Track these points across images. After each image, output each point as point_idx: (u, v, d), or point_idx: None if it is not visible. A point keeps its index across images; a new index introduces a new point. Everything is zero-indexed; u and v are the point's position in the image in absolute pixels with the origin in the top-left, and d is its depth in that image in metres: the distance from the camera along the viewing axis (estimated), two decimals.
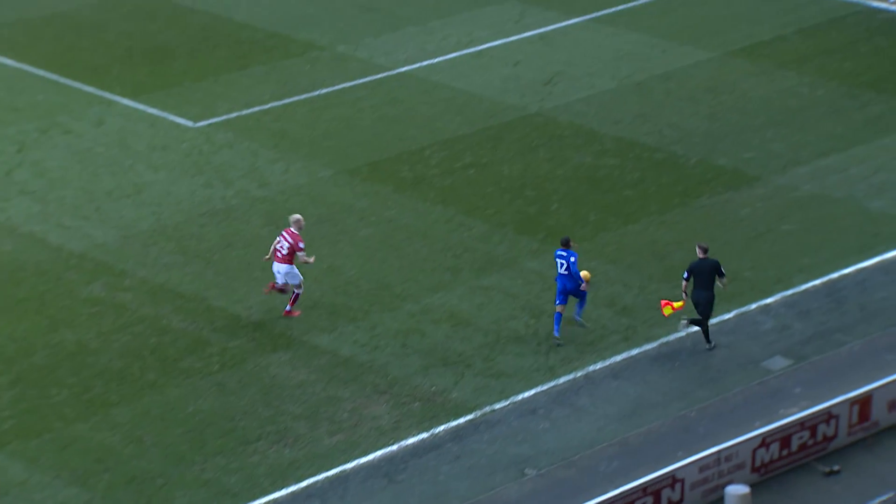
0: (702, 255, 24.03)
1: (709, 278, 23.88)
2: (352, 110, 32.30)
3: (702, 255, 24.03)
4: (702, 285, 23.90)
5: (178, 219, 28.09)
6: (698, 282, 23.96)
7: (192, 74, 33.52)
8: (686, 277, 24.11)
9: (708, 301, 23.88)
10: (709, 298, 23.88)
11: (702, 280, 23.89)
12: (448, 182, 29.55)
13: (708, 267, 23.85)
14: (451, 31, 35.98)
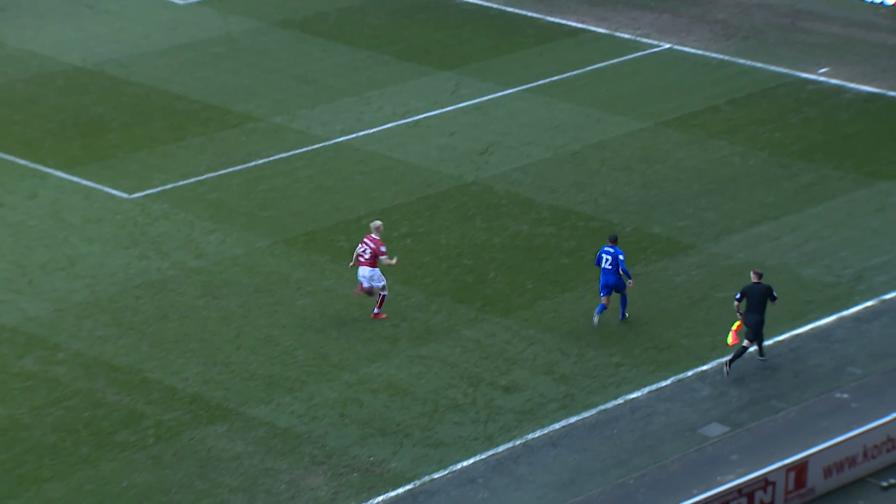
0: (755, 280, 25.72)
1: (760, 301, 25.59)
2: (288, 180, 32.31)
3: (755, 280, 25.72)
4: (753, 309, 25.58)
5: (112, 291, 27.88)
6: (750, 305, 25.64)
7: (127, 146, 33.43)
8: (738, 299, 25.74)
9: (759, 323, 25.63)
10: (760, 321, 25.62)
11: (753, 303, 25.58)
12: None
13: (759, 291, 25.61)
14: (387, 101, 36.15)
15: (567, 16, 41.66)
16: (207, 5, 41.40)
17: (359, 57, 38.66)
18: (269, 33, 39.85)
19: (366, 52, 38.91)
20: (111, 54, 37.95)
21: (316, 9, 41.62)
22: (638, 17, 41.56)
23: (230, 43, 39.16)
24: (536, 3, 42.49)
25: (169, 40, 39.07)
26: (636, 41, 39.95)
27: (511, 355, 26.08)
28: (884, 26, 40.78)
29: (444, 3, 42.51)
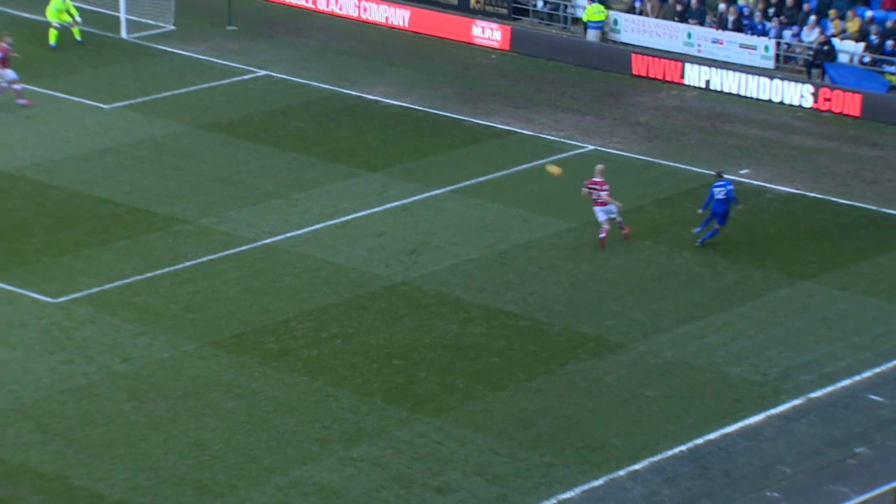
0: None
1: None
2: (216, 282, 32.16)
3: None
4: None
5: (37, 396, 27.46)
6: None
7: (51, 251, 33.13)
8: None
9: None
10: None
11: None
12: (314, 353, 29.42)
13: None
14: (314, 203, 36.20)
15: (492, 118, 42.09)
16: (132, 109, 41.36)
17: (285, 159, 38.76)
18: (193, 136, 39.87)
19: (292, 155, 39.02)
20: (34, 159, 37.73)
21: (241, 112, 41.74)
22: (562, 119, 42.06)
23: (155, 146, 39.11)
24: (461, 106, 42.92)
25: (93, 144, 38.94)
26: (561, 142, 40.40)
27: (443, 456, 25.96)
28: (800, 129, 41.60)
29: (369, 106, 42.81)
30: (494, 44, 48.08)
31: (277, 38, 48.12)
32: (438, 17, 49.24)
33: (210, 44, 46.95)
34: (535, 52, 47.36)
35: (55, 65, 43.76)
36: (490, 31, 48.22)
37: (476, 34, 48.45)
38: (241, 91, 43.47)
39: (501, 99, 43.65)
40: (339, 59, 46.49)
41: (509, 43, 47.91)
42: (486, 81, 45.25)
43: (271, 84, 44.14)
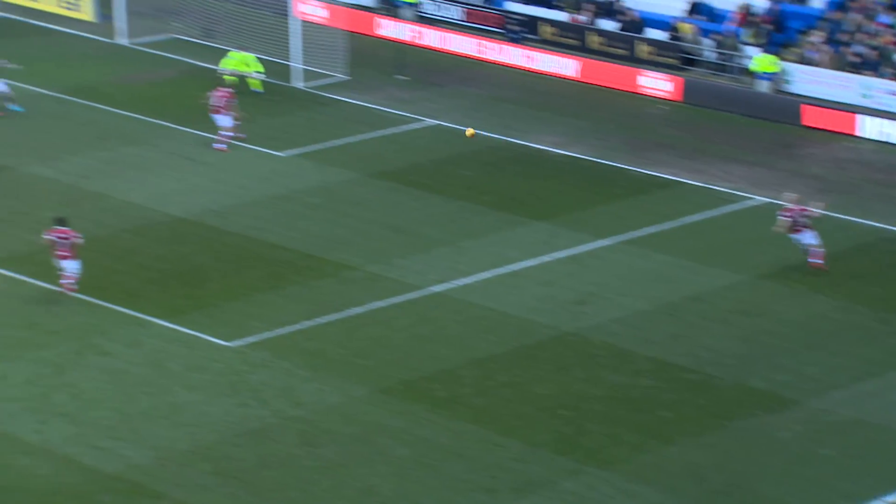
0: None
1: None
2: (385, 329, 32.44)
3: None
4: None
5: (213, 439, 27.96)
6: None
7: (225, 295, 33.76)
8: None
9: None
10: None
11: None
12: (482, 401, 29.49)
13: None
14: (482, 251, 36.36)
15: (659, 168, 41.92)
16: (305, 157, 42.07)
17: (452, 207, 39.04)
18: (364, 184, 40.38)
19: (459, 203, 39.28)
20: (211, 205, 38.55)
21: (410, 160, 42.18)
22: (732, 171, 41.70)
23: (326, 193, 39.70)
24: (629, 156, 42.82)
25: (267, 191, 39.66)
26: (731, 194, 40.03)
27: None
28: None
29: (535, 155, 42.95)
30: (663, 94, 47.91)
31: (446, 88, 48.59)
32: (607, 68, 49.27)
33: (381, 93, 47.61)
34: (703, 103, 47.08)
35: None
36: (659, 81, 48.08)
37: (644, 84, 48.34)
38: (411, 139, 43.96)
39: (670, 149, 43.46)
40: (507, 109, 46.75)
41: (678, 93, 47.70)
42: (655, 132, 45.10)
43: (440, 133, 44.57)
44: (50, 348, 30.88)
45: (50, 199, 38.13)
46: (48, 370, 30.03)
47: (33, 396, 29.08)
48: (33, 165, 40.28)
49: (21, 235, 35.90)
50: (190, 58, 49.38)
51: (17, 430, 27.90)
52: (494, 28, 52.45)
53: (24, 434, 27.78)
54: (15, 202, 37.94)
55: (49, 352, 30.74)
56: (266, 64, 48.16)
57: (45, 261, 34.45)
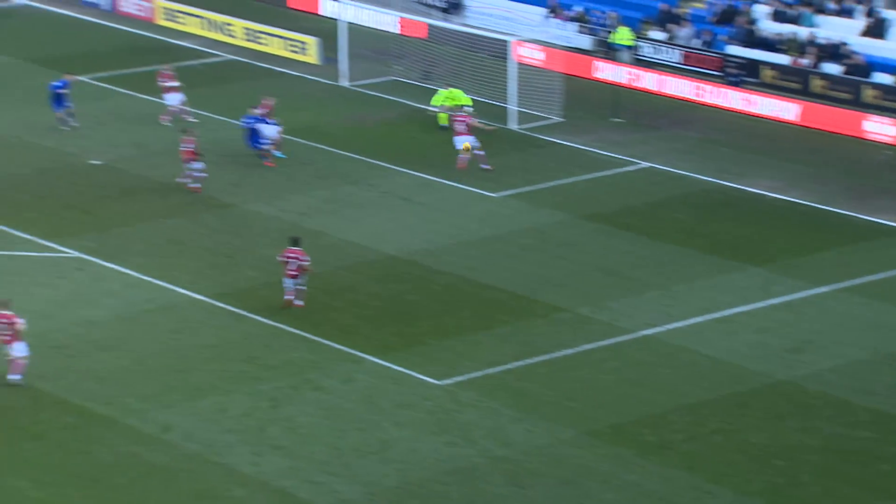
0: None
1: None
2: (594, 372, 32.34)
3: None
4: None
5: (422, 476, 28.22)
6: None
7: (437, 334, 34.10)
8: None
9: None
10: None
11: None
12: (693, 448, 29.14)
13: None
14: (694, 296, 35.98)
15: (883, 215, 40.92)
16: (518, 198, 42.31)
17: (665, 251, 38.75)
18: (576, 226, 40.39)
19: (672, 247, 38.98)
20: (424, 244, 39.03)
21: (622, 203, 42.05)
22: None
23: (539, 235, 39.83)
24: (849, 202, 41.92)
25: (480, 231, 39.98)
26: None
27: None
28: None
29: (752, 200, 42.37)
30: (889, 139, 46.77)
31: (661, 131, 48.34)
32: (830, 112, 48.36)
33: (595, 135, 47.61)
34: None
35: (449, 154, 45.27)
36: (885, 126, 46.96)
37: (869, 129, 47.28)
38: (624, 182, 43.83)
39: (894, 196, 42.37)
40: (723, 152, 46.26)
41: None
42: (879, 178, 44.07)
43: (653, 175, 44.34)
44: (267, 382, 31.61)
45: (270, 236, 39.10)
46: (265, 403, 30.74)
47: (250, 429, 29.79)
48: (255, 203, 41.40)
49: (243, 272, 36.89)
50: (408, 100, 50.16)
51: (234, 461, 28.59)
52: (713, 71, 52.01)
53: (240, 466, 28.47)
54: (237, 239, 39.02)
55: (266, 385, 31.47)
56: (482, 106, 48.65)
57: (265, 296, 35.38)
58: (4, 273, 36.28)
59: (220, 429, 29.72)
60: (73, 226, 39.37)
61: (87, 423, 29.72)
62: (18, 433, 29.27)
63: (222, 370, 32.09)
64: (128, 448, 28.89)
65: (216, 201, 41.30)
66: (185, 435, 29.41)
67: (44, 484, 27.64)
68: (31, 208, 40.33)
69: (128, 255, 37.63)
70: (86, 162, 43.63)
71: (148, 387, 31.23)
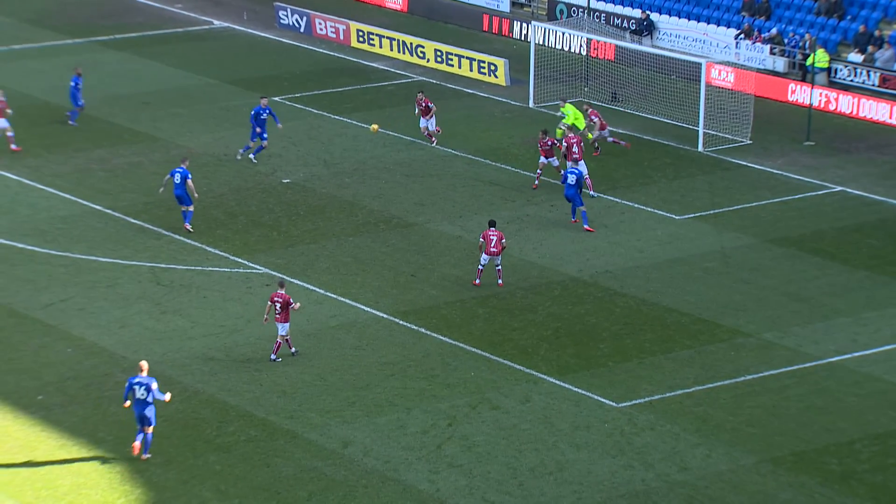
0: None
1: None
2: (777, 398, 31.70)
3: None
4: None
5: (597, 499, 27.98)
6: None
7: (616, 356, 33.83)
8: None
9: None
10: None
11: None
12: (880, 479, 28.33)
13: None
14: (885, 323, 35.02)
15: None
16: (702, 220, 41.78)
17: (856, 277, 37.82)
18: (762, 250, 39.69)
19: (864, 273, 38.03)
20: (607, 266, 38.77)
21: (812, 228, 41.19)
22: None
23: (723, 258, 39.25)
24: None
25: (663, 254, 39.58)
26: None
27: None
28: None
29: None
30: None
31: (856, 154, 47.25)
32: None
33: (785, 158, 46.76)
34: None
35: (633, 176, 44.97)
36: None
37: None
38: (814, 206, 42.93)
39: None
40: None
41: None
42: None
43: (846, 200, 43.33)
44: (446, 400, 31.74)
45: (453, 255, 39.33)
46: (443, 421, 30.87)
47: (427, 446, 29.94)
48: (440, 223, 41.69)
49: (424, 290, 37.15)
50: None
51: (411, 478, 28.76)
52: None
53: (417, 483, 28.62)
54: (421, 258, 39.33)
55: (444, 403, 31.60)
56: (671, 128, 48.18)
57: (446, 315, 35.56)
58: (198, 287, 37.19)
59: (398, 445, 29.93)
60: (262, 242, 40.17)
61: (270, 436, 30.22)
62: (205, 445, 29.90)
63: (402, 387, 32.33)
64: (308, 462, 29.28)
65: (400, 220, 41.71)
66: (364, 450, 29.70)
67: (227, 495, 28.18)
68: (224, 226, 41.29)
69: (313, 272, 38.23)
70: (278, 181, 44.48)
71: (329, 402, 31.64)
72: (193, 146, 47.29)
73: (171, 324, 35.18)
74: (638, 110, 49.91)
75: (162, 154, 46.56)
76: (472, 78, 54.85)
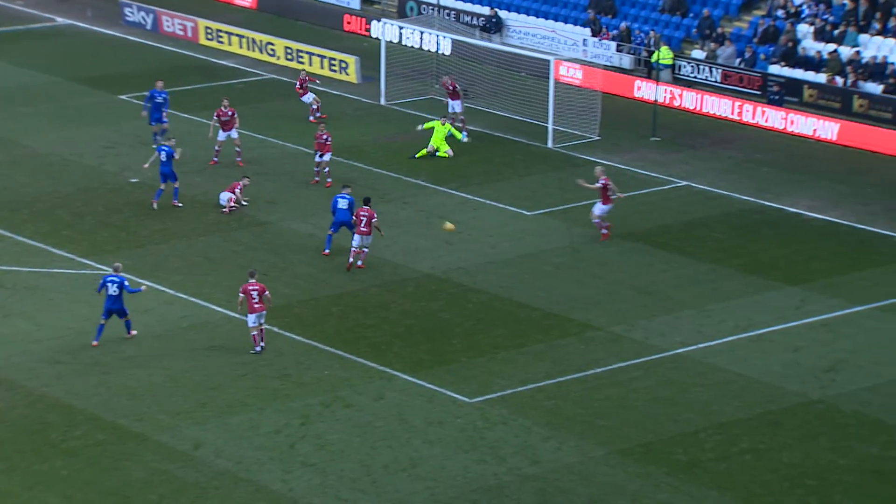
0: None
1: None
2: (625, 390, 32.20)
3: None
4: None
5: (451, 494, 28.16)
6: None
7: (470, 352, 34.06)
8: None
9: None
10: None
11: None
12: (724, 467, 28.94)
13: None
14: (729, 315, 35.80)
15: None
16: (553, 216, 42.25)
17: (701, 270, 38.57)
18: (610, 245, 40.27)
19: (709, 266, 38.80)
20: (459, 262, 39.01)
21: (659, 222, 41.90)
22: None
23: (573, 253, 39.74)
24: (889, 221, 41.63)
25: (514, 250, 39.94)
26: None
27: None
28: None
29: (791, 219, 42.13)
30: None
31: (700, 150, 48.17)
32: (870, 131, 48.05)
33: (633, 154, 47.50)
34: None
35: (485, 172, 45.30)
36: None
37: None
38: (661, 201, 43.67)
39: None
40: (762, 172, 46.05)
41: None
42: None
43: (691, 195, 44.16)
44: (299, 399, 31.66)
45: (306, 253, 39.23)
46: (296, 421, 30.78)
47: (280, 446, 29.83)
48: (292, 221, 41.54)
49: (277, 289, 36.95)
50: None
51: (264, 478, 28.63)
52: (753, 90, 51.79)
53: (270, 483, 28.50)
54: (273, 256, 39.15)
55: (298, 403, 31.52)
56: (521, 125, 48.65)
57: (300, 314, 35.46)
58: (43, 290, 36.57)
59: (250, 446, 29.78)
60: (111, 243, 39.63)
61: (119, 439, 29.86)
62: (51, 449, 29.44)
63: (255, 387, 32.17)
64: (159, 464, 28.99)
65: (253, 219, 41.47)
66: (216, 451, 29.49)
67: (74, 501, 27.77)
68: (71, 227, 40.64)
69: (164, 273, 37.84)
70: (126, 180, 43.91)
71: (180, 403, 31.35)
72: (38, 146, 46.49)
73: (15, 327, 34.55)
74: (489, 107, 50.24)
75: (4, 154, 45.69)
76: (324, 75, 54.74)
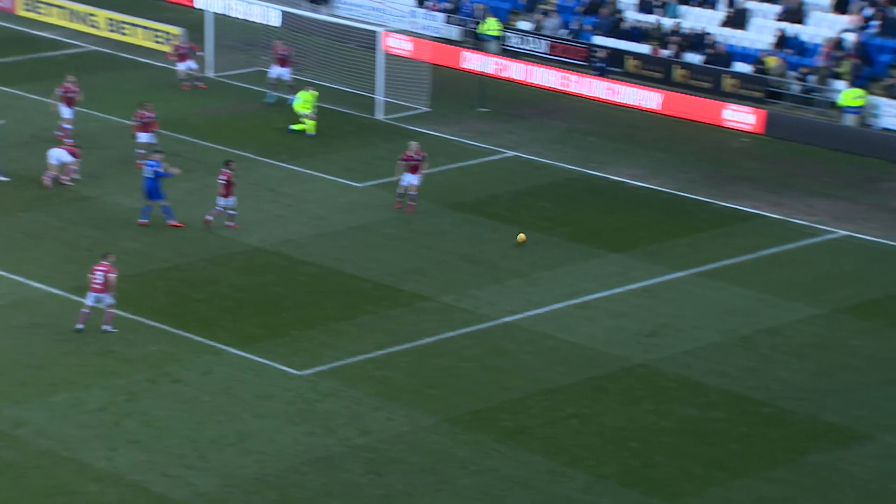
0: None
1: None
2: (455, 359, 32.44)
3: None
4: None
5: (280, 467, 28.08)
6: None
7: (300, 324, 33.95)
8: None
9: None
10: None
11: None
12: (550, 432, 29.35)
13: None
14: (556, 282, 36.27)
15: (740, 201, 41.56)
16: (383, 188, 42.28)
17: (529, 239, 38.97)
18: (441, 215, 40.48)
19: (536, 234, 39.24)
20: (289, 235, 38.84)
21: (487, 192, 42.23)
22: (814, 204, 41.24)
23: (404, 224, 39.85)
24: (710, 189, 42.53)
25: (345, 222, 39.89)
26: (811, 227, 39.60)
27: None
28: None
29: (615, 188, 42.81)
30: (747, 127, 47.54)
31: (527, 120, 48.63)
32: (690, 101, 49.03)
33: (462, 125, 47.76)
34: (788, 137, 46.67)
35: (314, 145, 45.12)
36: (742, 114, 47.71)
37: (728, 117, 48.01)
38: (489, 171, 44.02)
39: (752, 183, 43.11)
40: (587, 141, 46.69)
41: (763, 126, 47.30)
42: (737, 165, 44.76)
43: (518, 165, 44.59)
44: (124, 376, 31.22)
45: (131, 228, 38.66)
46: (121, 398, 30.36)
47: (105, 424, 29.39)
48: (117, 195, 40.89)
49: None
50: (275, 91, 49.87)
51: (88, 456, 28.19)
52: (578, 61, 52.44)
53: (93, 461, 28.07)
54: (98, 232, 38.50)
55: (123, 379, 31.08)
56: (350, 96, 48.51)
57: (125, 290, 34.91)
58: None
59: (74, 424, 29.29)
60: None
61: None
62: None
63: (79, 365, 31.65)
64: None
65: (75, 194, 40.72)
66: (37, 431, 28.94)
67: None
68: None
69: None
70: None
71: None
72: None
73: None
74: (317, 79, 50.03)
75: None
76: (149, 48, 53.91)
